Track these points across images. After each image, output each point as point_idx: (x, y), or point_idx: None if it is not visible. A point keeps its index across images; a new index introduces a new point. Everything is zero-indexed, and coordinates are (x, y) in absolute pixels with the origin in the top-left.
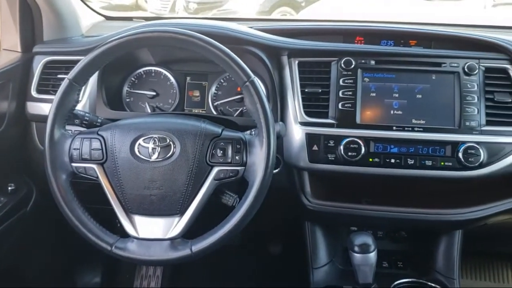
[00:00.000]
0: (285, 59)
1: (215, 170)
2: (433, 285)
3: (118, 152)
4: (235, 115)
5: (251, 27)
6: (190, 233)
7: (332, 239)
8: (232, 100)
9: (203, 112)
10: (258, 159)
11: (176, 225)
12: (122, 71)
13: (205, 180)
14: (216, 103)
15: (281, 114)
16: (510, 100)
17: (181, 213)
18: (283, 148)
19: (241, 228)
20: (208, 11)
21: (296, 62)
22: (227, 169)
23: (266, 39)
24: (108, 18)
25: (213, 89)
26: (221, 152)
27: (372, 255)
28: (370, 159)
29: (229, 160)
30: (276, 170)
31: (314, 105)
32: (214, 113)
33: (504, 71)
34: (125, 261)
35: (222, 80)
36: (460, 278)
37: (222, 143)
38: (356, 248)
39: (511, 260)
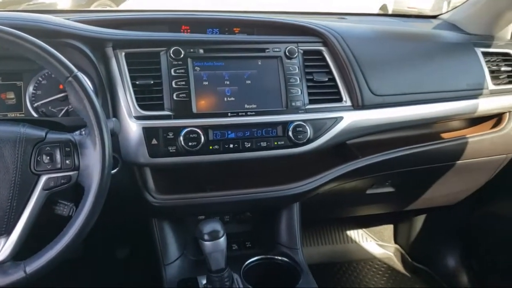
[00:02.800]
0: (110, 51)
1: (43, 179)
2: (279, 258)
3: None
4: (60, 115)
5: (68, 19)
6: (24, 253)
7: (181, 232)
8: (54, 99)
9: (21, 115)
10: (93, 161)
11: (3, 247)
12: None
13: (32, 192)
14: (36, 104)
15: (113, 109)
16: (327, 79)
17: (8, 232)
18: (119, 145)
19: (82, 238)
20: (16, 5)
21: (123, 53)
22: (57, 176)
23: (87, 30)
24: None
25: (30, 89)
26: (48, 158)
27: (222, 241)
28: (210, 147)
29: (59, 166)
30: (115, 170)
31: (148, 98)
32: (35, 115)
33: (320, 53)
34: None
35: (40, 78)
36: (302, 247)
37: (48, 148)
38: (206, 236)
39: (342, 223)
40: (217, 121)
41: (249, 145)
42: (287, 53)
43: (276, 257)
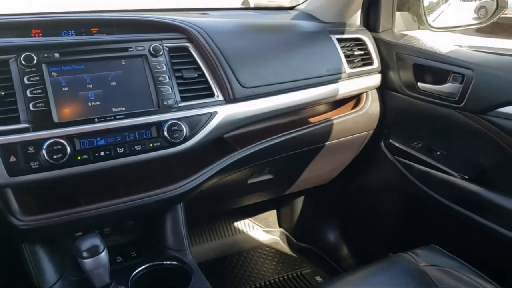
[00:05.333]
0: None
1: None
2: (168, 262)
3: None
4: None
5: None
6: None
7: (57, 252)
8: None
9: None
10: None
11: None
12: None
13: None
14: None
15: None
16: (196, 75)
17: None
18: None
19: None
20: None
21: None
22: None
23: None
24: None
25: None
26: None
27: (103, 255)
28: (79, 157)
29: None
30: None
31: (0, 111)
32: None
33: (186, 49)
34: None
35: None
36: (190, 247)
37: None
38: (85, 254)
39: (228, 216)
40: (83, 129)
41: (122, 151)
42: (151, 51)
43: (164, 262)
